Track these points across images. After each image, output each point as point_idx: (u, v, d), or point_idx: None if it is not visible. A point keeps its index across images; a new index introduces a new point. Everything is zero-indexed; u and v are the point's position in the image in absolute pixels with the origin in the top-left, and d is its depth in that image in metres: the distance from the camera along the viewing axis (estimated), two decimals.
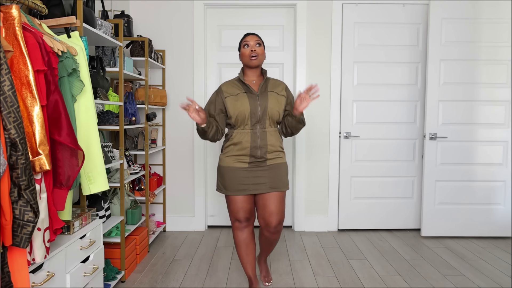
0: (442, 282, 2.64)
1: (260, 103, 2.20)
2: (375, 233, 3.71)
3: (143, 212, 3.24)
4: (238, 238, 2.38)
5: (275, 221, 2.24)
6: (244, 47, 2.24)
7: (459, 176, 3.55)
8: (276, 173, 2.25)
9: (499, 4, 3.44)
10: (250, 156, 2.22)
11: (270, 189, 2.23)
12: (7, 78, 1.29)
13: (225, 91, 2.26)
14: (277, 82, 2.34)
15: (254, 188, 2.23)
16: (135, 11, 3.67)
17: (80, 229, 1.95)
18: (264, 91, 2.25)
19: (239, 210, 2.28)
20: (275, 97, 2.24)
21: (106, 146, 2.58)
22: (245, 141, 2.21)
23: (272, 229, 2.26)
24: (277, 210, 2.23)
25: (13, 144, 1.31)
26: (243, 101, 2.20)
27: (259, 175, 2.23)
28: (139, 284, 2.60)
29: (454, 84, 3.49)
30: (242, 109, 2.19)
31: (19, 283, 1.38)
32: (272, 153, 2.24)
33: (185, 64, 3.71)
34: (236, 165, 2.24)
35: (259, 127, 2.22)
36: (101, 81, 2.36)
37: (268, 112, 2.20)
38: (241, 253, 2.40)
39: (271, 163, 2.25)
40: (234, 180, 2.24)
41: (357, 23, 3.66)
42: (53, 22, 1.90)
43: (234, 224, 2.36)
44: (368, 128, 3.73)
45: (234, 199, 2.27)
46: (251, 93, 2.23)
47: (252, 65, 2.23)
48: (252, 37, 2.24)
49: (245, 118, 2.20)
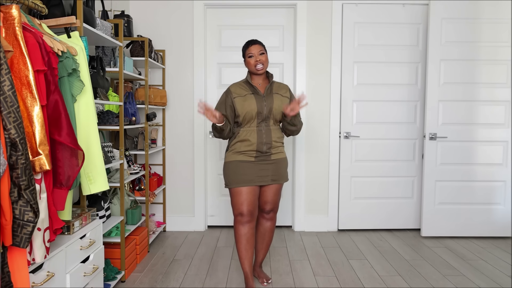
0: (442, 282, 2.64)
1: (267, 103, 2.40)
2: (375, 233, 3.71)
3: (143, 212, 3.24)
4: (239, 232, 2.43)
5: (268, 208, 2.50)
6: (249, 57, 2.41)
7: (459, 176, 3.55)
8: (279, 166, 2.46)
9: (499, 4, 3.44)
10: (256, 152, 2.40)
11: (272, 182, 2.44)
12: (7, 78, 1.29)
13: (233, 92, 2.44)
14: (282, 85, 2.53)
15: (259, 180, 2.41)
16: (135, 11, 3.67)
17: (80, 229, 1.95)
18: (270, 93, 2.44)
19: (244, 201, 2.39)
20: (280, 98, 2.44)
21: (106, 146, 2.58)
22: (252, 138, 2.39)
23: (265, 214, 2.53)
24: (271, 199, 2.49)
25: (13, 144, 1.31)
26: (251, 101, 2.39)
27: (264, 168, 2.41)
28: (139, 284, 2.60)
29: (454, 84, 3.49)
30: (250, 109, 2.37)
31: (19, 283, 1.38)
32: (275, 148, 2.44)
33: (185, 64, 3.71)
34: (243, 159, 2.40)
35: (264, 125, 2.41)
36: (101, 81, 2.36)
37: (273, 112, 2.41)
38: (240, 248, 2.45)
39: (275, 158, 2.45)
40: (240, 172, 2.39)
41: (357, 23, 3.66)
42: (53, 22, 1.90)
43: (236, 218, 2.43)
44: (368, 128, 3.73)
45: (239, 191, 2.39)
46: (258, 94, 2.41)
47: (259, 73, 2.43)
48: (256, 47, 2.40)
49: (252, 117, 2.39)
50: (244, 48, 2.46)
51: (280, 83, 2.54)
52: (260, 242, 2.60)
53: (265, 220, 2.56)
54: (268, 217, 2.55)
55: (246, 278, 2.46)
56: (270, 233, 2.59)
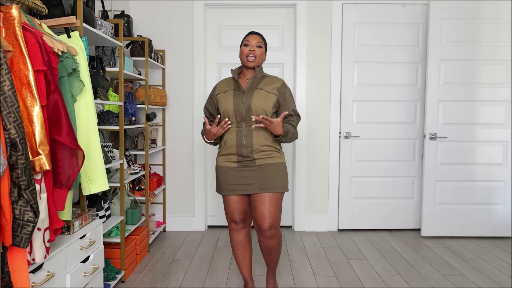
0: (442, 282, 2.64)
1: (244, 100, 2.15)
2: (375, 233, 3.71)
3: (143, 212, 3.24)
4: (234, 239, 2.34)
5: (267, 224, 2.12)
6: (244, 45, 2.20)
7: (459, 176, 3.55)
8: (265, 173, 2.15)
9: (499, 4, 3.44)
10: (237, 155, 2.18)
11: (259, 190, 2.14)
12: (7, 78, 1.29)
13: (218, 89, 2.28)
14: (274, 79, 2.26)
15: (243, 188, 2.17)
16: (135, 11, 3.67)
17: (80, 229, 1.95)
18: (253, 88, 2.19)
19: (234, 210, 2.25)
20: (262, 94, 2.16)
21: (106, 146, 2.58)
22: (231, 139, 2.18)
23: (264, 232, 2.14)
24: (268, 212, 2.12)
25: (13, 144, 1.31)
26: (229, 98, 2.19)
27: (247, 175, 2.17)
28: (139, 284, 2.60)
29: (454, 84, 3.49)
30: (227, 107, 2.17)
31: (19, 283, 1.38)
32: (260, 153, 2.16)
33: (185, 64, 3.71)
34: (226, 165, 2.21)
35: (244, 125, 2.16)
36: (101, 81, 2.36)
37: (253, 110, 2.13)
38: (237, 254, 2.36)
39: (260, 163, 2.16)
40: (225, 180, 2.21)
41: (357, 23, 3.66)
42: (53, 22, 1.90)
43: (230, 225, 2.33)
44: (368, 128, 3.73)
45: (228, 199, 2.24)
46: (239, 90, 2.19)
47: (248, 65, 2.20)
48: (254, 37, 2.20)
49: (229, 116, 2.17)
50: (244, 37, 2.25)
51: (274, 78, 2.27)
52: (267, 257, 2.31)
53: (264, 239, 2.18)
54: (269, 235, 2.15)
55: (246, 282, 2.40)
56: (276, 249, 2.25)
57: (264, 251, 2.27)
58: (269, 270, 2.39)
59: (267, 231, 2.14)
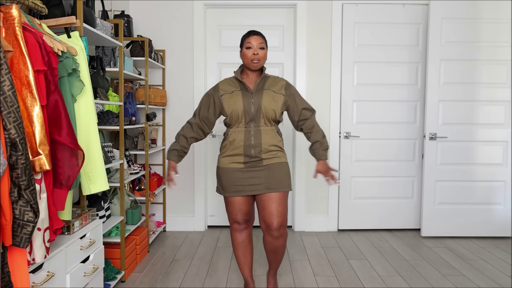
0: (442, 282, 2.64)
1: (254, 100, 2.15)
2: (375, 233, 3.71)
3: (143, 212, 3.24)
4: (236, 240, 2.33)
5: (276, 223, 2.12)
6: (246, 48, 2.16)
7: (459, 176, 3.55)
8: (273, 173, 2.16)
9: (499, 4, 3.44)
10: (244, 156, 2.16)
11: (267, 190, 2.14)
12: (7, 78, 1.29)
13: (221, 89, 2.23)
14: (277, 80, 2.27)
15: (251, 189, 2.17)
16: (135, 11, 3.67)
17: (80, 229, 1.95)
18: (260, 89, 2.19)
19: (238, 211, 2.23)
20: (271, 95, 2.17)
21: (106, 146, 2.58)
22: (239, 140, 2.16)
23: (274, 232, 2.14)
24: (277, 211, 2.13)
25: (13, 144, 1.31)
26: (237, 98, 2.16)
27: (255, 176, 2.16)
28: (139, 284, 2.60)
29: (454, 84, 3.49)
30: (236, 107, 2.15)
31: (19, 283, 1.38)
32: (268, 153, 2.17)
33: (185, 64, 3.71)
34: (231, 166, 2.19)
35: (253, 126, 2.16)
36: (101, 81, 2.36)
37: (263, 110, 2.14)
38: (238, 255, 2.35)
39: (267, 163, 2.17)
40: (231, 181, 2.19)
41: (357, 23, 3.66)
42: (53, 22, 1.90)
43: (232, 225, 2.31)
44: (368, 128, 3.73)
45: (232, 200, 2.22)
46: (246, 90, 2.18)
47: (253, 68, 2.18)
48: (256, 39, 2.15)
49: (239, 116, 2.15)
50: (243, 37, 2.19)
51: (276, 78, 2.27)
52: (272, 258, 2.29)
53: (273, 239, 2.17)
54: (277, 235, 2.15)
55: (247, 282, 2.39)
56: (282, 249, 2.25)
57: (269, 252, 2.26)
58: (270, 270, 2.38)
59: (276, 230, 2.14)
